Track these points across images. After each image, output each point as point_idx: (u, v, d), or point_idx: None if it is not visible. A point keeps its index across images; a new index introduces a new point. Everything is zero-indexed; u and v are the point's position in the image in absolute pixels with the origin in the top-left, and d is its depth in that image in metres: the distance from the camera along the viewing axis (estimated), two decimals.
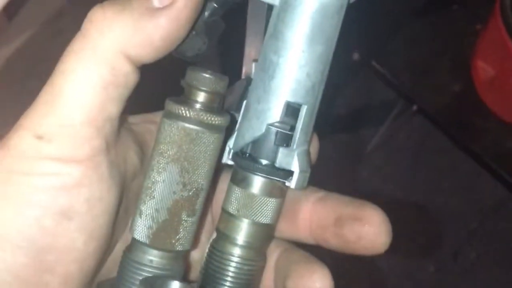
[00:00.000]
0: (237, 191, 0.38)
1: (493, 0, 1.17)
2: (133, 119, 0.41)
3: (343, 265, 1.37)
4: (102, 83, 0.35)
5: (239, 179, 0.38)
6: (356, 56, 1.31)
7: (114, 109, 0.36)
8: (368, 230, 0.38)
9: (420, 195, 1.50)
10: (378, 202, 0.40)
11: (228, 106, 0.40)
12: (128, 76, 0.36)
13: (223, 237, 0.40)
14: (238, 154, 0.38)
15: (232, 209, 0.39)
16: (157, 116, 0.40)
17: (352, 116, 1.53)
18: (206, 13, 0.38)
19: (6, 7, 0.76)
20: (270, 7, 0.38)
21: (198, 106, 0.38)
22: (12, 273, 0.35)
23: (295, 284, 0.39)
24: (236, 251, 0.39)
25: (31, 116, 0.36)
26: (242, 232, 0.39)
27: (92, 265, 0.38)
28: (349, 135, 1.50)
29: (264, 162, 0.38)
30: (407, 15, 1.33)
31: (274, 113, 0.37)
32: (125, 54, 0.36)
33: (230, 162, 0.39)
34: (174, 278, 0.36)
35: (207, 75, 0.38)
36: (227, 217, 0.39)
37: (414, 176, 1.51)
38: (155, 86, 0.47)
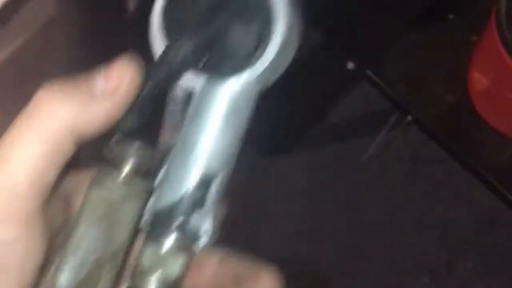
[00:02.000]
0: (148, 249, 0.42)
1: (489, 11, 1.17)
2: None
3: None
4: (46, 156, 0.39)
5: (152, 238, 0.43)
6: (350, 65, 1.31)
7: (52, 174, 0.40)
8: None
9: (415, 206, 1.50)
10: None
11: (149, 172, 0.44)
12: (70, 150, 0.40)
13: None
14: (154, 216, 0.43)
15: (142, 265, 0.43)
16: (86, 176, 0.43)
17: (346, 126, 1.53)
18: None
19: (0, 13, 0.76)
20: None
21: (123, 173, 0.41)
22: None
23: None
24: None
25: None
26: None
27: None
28: (343, 144, 1.50)
29: (177, 224, 0.42)
30: (402, 25, 1.34)
31: (191, 181, 0.42)
32: (70, 133, 0.40)
33: (147, 225, 0.43)
34: None
35: (131, 145, 0.42)
36: (138, 274, 0.43)
37: (410, 186, 1.51)
38: None
